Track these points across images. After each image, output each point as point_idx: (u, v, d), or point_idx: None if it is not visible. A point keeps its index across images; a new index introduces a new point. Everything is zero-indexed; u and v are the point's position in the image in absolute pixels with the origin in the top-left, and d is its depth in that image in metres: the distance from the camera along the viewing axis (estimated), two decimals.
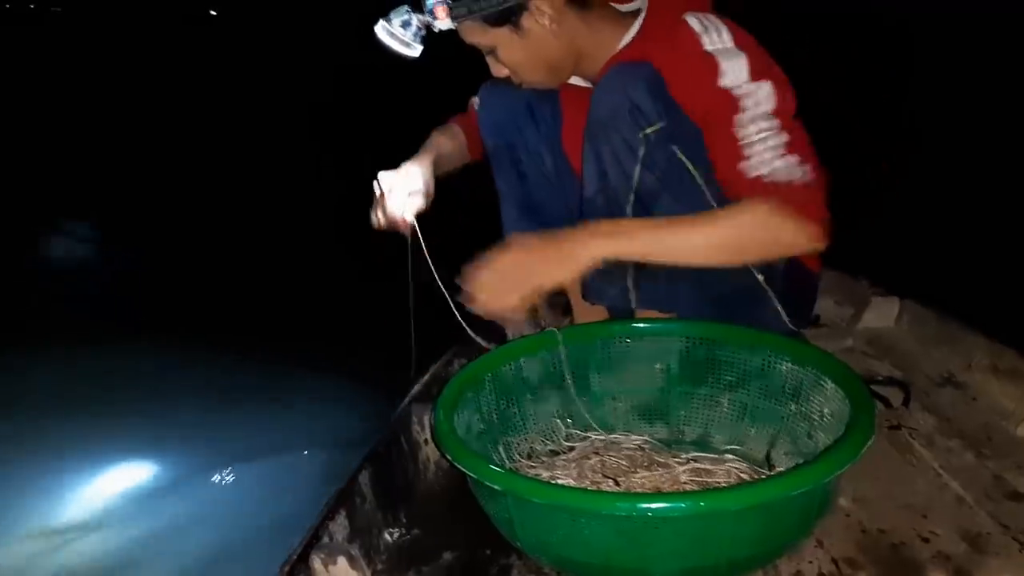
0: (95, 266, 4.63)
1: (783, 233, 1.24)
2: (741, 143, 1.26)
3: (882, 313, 1.87)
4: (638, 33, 1.39)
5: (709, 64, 1.27)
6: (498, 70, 1.44)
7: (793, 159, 1.24)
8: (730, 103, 1.26)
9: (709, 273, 1.32)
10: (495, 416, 1.35)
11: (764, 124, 1.25)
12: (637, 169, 1.35)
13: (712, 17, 1.31)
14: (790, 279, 1.43)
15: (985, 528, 1.16)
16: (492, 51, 1.39)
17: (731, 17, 1.35)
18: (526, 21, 1.33)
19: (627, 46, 1.40)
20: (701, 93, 1.28)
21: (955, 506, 1.22)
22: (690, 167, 1.32)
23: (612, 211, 1.38)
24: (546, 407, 1.42)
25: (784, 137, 1.25)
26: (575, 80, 1.49)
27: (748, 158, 1.25)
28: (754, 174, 1.24)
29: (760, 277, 1.39)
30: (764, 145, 1.25)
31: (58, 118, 8.42)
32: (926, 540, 1.14)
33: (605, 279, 1.45)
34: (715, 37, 1.28)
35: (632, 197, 1.36)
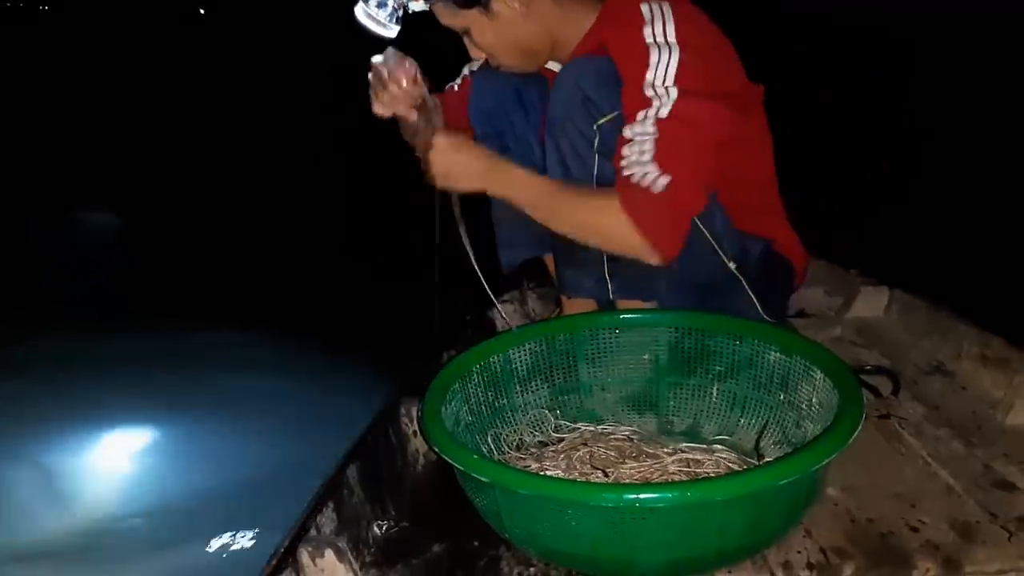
0: (101, 261, 4.60)
1: (622, 238, 1.28)
2: (629, 137, 1.27)
3: (871, 302, 1.87)
4: (598, 17, 1.40)
5: (640, 55, 1.28)
6: (475, 52, 1.46)
7: (654, 170, 1.25)
8: (641, 101, 1.27)
9: (682, 262, 1.33)
10: (484, 407, 1.34)
11: (650, 129, 1.26)
12: (596, 159, 1.37)
13: (666, 7, 1.30)
14: (765, 270, 1.45)
15: (974, 517, 1.16)
16: (467, 32, 1.41)
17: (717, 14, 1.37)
18: (495, 3, 1.35)
19: (588, 31, 1.41)
20: (628, 81, 1.30)
21: (944, 495, 1.22)
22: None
23: None
24: (535, 398, 1.41)
25: (655, 145, 1.25)
26: (554, 66, 1.48)
27: (628, 155, 1.27)
28: (625, 171, 1.27)
29: (732, 266, 1.42)
30: (642, 147, 1.26)
31: (52, 117, 8.37)
32: (915, 529, 1.14)
33: (581, 271, 1.46)
34: (657, 30, 1.29)
35: (595, 185, 1.37)
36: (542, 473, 1.22)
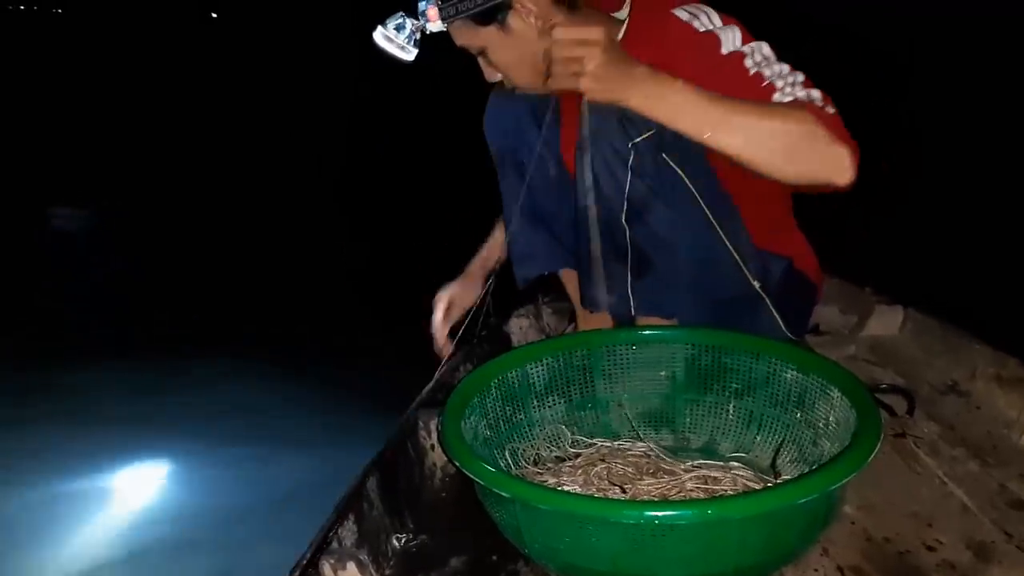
0: (107, 283, 4.60)
1: (822, 147, 1.18)
2: (766, 81, 1.26)
3: (886, 321, 1.87)
4: (624, 36, 1.41)
5: (708, 40, 1.30)
6: (490, 73, 1.47)
7: (817, 93, 1.24)
8: (740, 58, 1.28)
9: (706, 279, 1.36)
10: (501, 422, 1.35)
11: (777, 67, 1.26)
12: (628, 178, 1.36)
13: (699, 4, 1.34)
14: (787, 287, 1.46)
15: (990, 537, 1.16)
16: (482, 52, 1.42)
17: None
18: (512, 20, 1.36)
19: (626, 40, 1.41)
20: (707, 66, 1.28)
21: (960, 514, 1.23)
22: (680, 173, 1.35)
23: (607, 219, 1.40)
24: (552, 413, 1.42)
25: (801, 75, 1.26)
26: None
27: (780, 89, 1.25)
28: (789, 100, 1.23)
29: (757, 284, 1.42)
30: (786, 81, 1.25)
31: (60, 120, 8.41)
32: (931, 548, 1.14)
33: (601, 287, 1.47)
34: (705, 20, 1.32)
35: (625, 205, 1.38)
36: (560, 488, 1.23)
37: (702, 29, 1.31)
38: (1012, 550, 1.13)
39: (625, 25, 1.41)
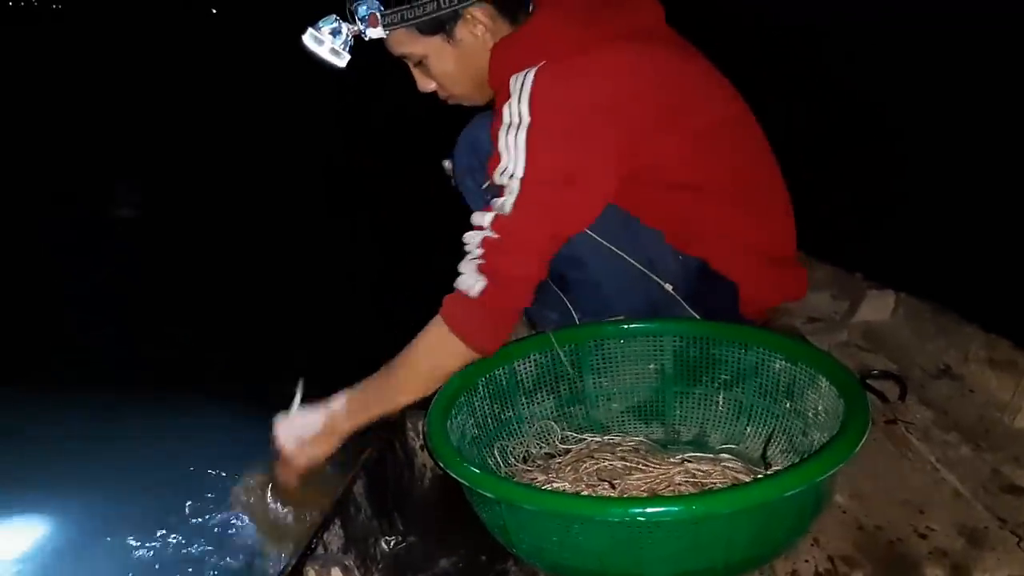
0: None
1: (450, 352, 1.32)
2: (478, 224, 1.31)
3: (877, 306, 1.86)
4: (490, 71, 1.40)
5: (496, 134, 1.30)
6: (425, 83, 1.43)
7: (474, 273, 1.29)
8: (498, 187, 1.31)
9: (621, 285, 1.42)
10: (490, 420, 1.35)
11: (487, 225, 1.29)
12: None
13: (531, 75, 1.27)
14: (703, 287, 1.47)
15: (983, 522, 1.15)
16: (421, 62, 1.39)
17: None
18: (459, 30, 1.34)
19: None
20: (492, 160, 1.32)
21: (952, 500, 1.22)
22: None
23: None
24: (541, 410, 1.42)
25: (484, 247, 1.28)
26: None
27: (468, 242, 1.31)
28: (460, 269, 1.31)
29: (669, 287, 1.46)
30: (477, 243, 1.29)
31: (56, 116, 8.31)
32: (923, 536, 1.13)
33: (544, 306, 1.50)
34: (515, 107, 1.28)
35: None
36: (549, 485, 1.22)
37: (505, 117, 1.29)
38: (1006, 535, 1.13)
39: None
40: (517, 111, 1.27)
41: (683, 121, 1.36)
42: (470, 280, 1.29)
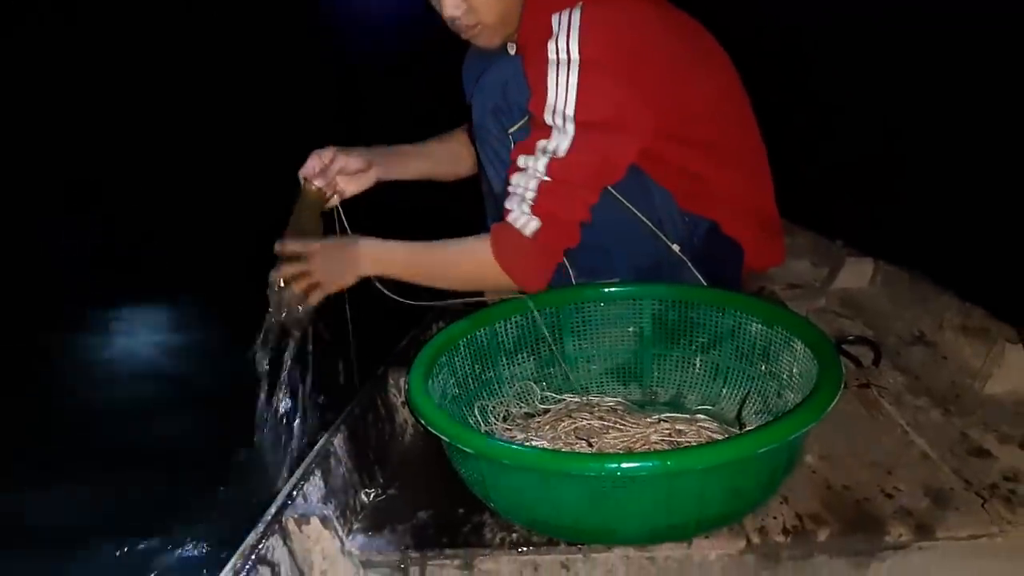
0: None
1: (491, 280, 1.39)
2: (522, 166, 1.32)
3: (856, 273, 1.89)
4: (522, 14, 1.40)
5: (542, 73, 1.30)
6: (454, 5, 1.35)
7: (527, 212, 1.31)
8: (542, 128, 1.31)
9: (627, 245, 1.44)
10: (471, 380, 1.36)
11: (540, 168, 1.30)
12: None
13: (576, 14, 1.28)
14: (711, 250, 1.49)
15: (948, 484, 1.19)
16: None
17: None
18: None
19: (516, 30, 1.42)
20: (534, 99, 1.33)
21: (920, 462, 1.25)
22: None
23: None
24: (521, 370, 1.43)
25: (538, 189, 1.30)
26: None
27: (515, 184, 1.33)
28: (507, 203, 1.35)
29: (676, 248, 1.48)
30: (527, 184, 1.31)
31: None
32: (889, 496, 1.16)
33: None
34: (562, 44, 1.28)
35: None
36: (528, 443, 1.24)
37: (551, 54, 1.28)
38: (971, 497, 1.15)
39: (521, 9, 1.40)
40: (565, 48, 1.27)
41: (702, 77, 1.40)
42: (523, 219, 1.32)
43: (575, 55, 1.27)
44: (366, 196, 1.58)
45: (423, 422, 1.09)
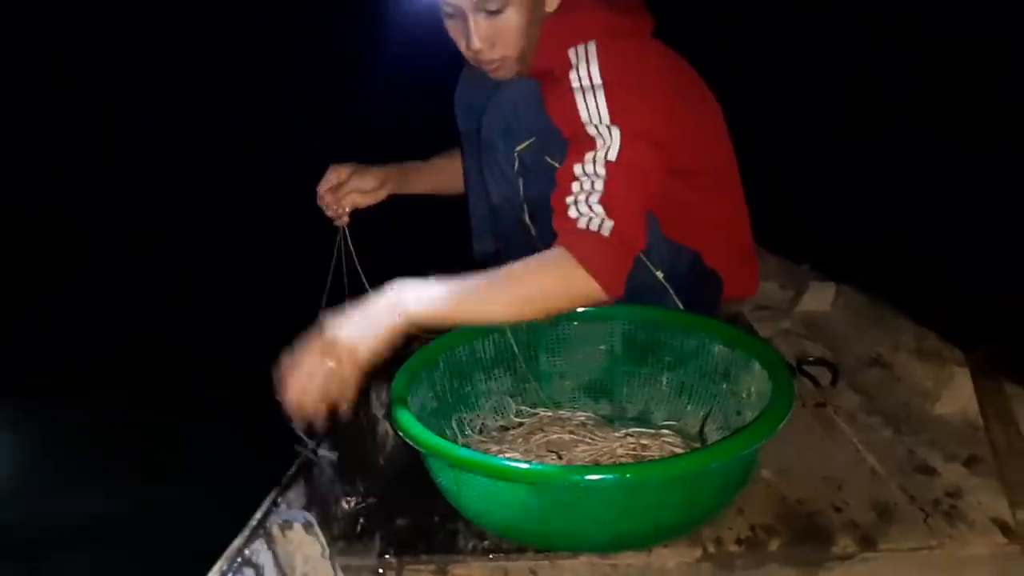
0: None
1: (576, 289, 1.28)
2: (577, 175, 1.32)
3: (819, 297, 1.97)
4: (536, 49, 1.45)
5: (569, 98, 1.35)
6: (480, 38, 1.36)
7: (600, 213, 1.29)
8: (586, 141, 1.33)
9: None
10: (449, 394, 1.43)
11: (600, 171, 1.31)
12: (520, 182, 1.47)
13: (592, 48, 1.36)
14: (693, 279, 1.55)
15: (893, 499, 1.26)
16: (501, 9, 1.34)
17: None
18: None
19: (534, 57, 1.46)
20: (565, 121, 1.37)
21: (869, 479, 1.32)
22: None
23: (516, 218, 1.51)
24: (498, 385, 1.50)
25: (604, 188, 1.30)
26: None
27: (576, 192, 1.32)
28: (571, 212, 1.31)
29: (660, 274, 1.53)
30: (591, 188, 1.31)
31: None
32: (839, 509, 1.24)
33: None
34: (583, 73, 1.35)
35: (524, 206, 1.47)
36: (502, 455, 1.31)
37: (573, 83, 1.35)
38: (914, 511, 1.23)
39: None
40: (587, 75, 1.34)
41: (691, 107, 1.48)
42: (596, 221, 1.29)
43: (597, 80, 1.33)
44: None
45: (402, 434, 1.16)
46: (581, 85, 1.35)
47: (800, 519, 1.22)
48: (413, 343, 1.76)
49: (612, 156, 1.31)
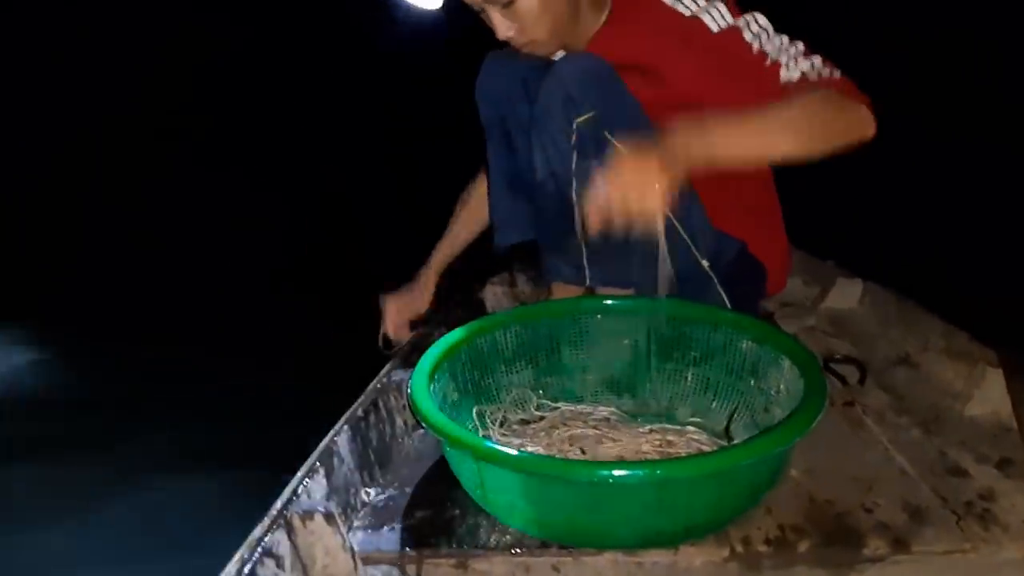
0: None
1: (848, 112, 1.23)
2: (769, 59, 1.30)
3: (845, 294, 1.94)
4: (610, 13, 1.44)
5: (695, 24, 1.33)
6: (505, 28, 1.41)
7: (819, 60, 1.28)
8: (736, 35, 1.31)
9: (657, 254, 1.40)
10: (470, 386, 1.41)
11: (777, 40, 1.30)
12: (573, 156, 1.42)
13: None
14: (738, 269, 1.52)
15: (925, 501, 1.23)
16: (509, 3, 1.37)
17: None
18: None
19: (604, 24, 1.44)
20: (701, 51, 1.34)
21: (899, 479, 1.29)
22: (624, 151, 1.27)
23: (560, 195, 1.47)
24: (519, 378, 1.48)
25: (800, 44, 1.30)
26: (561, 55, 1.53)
27: (784, 65, 1.29)
28: (797, 77, 1.27)
29: (705, 264, 1.49)
30: (789, 55, 1.29)
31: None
32: (869, 511, 1.21)
33: (561, 258, 1.53)
34: (688, 2, 1.34)
35: (573, 182, 1.42)
36: (523, 450, 1.29)
37: (687, 13, 1.34)
38: (946, 514, 1.20)
39: (607, 13, 1.44)
40: (720, 15, 1.33)
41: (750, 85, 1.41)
42: (824, 67, 1.28)
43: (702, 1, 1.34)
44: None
45: (425, 425, 1.14)
46: (694, 10, 1.34)
47: (830, 520, 1.19)
48: (436, 332, 1.76)
49: (771, 28, 1.32)
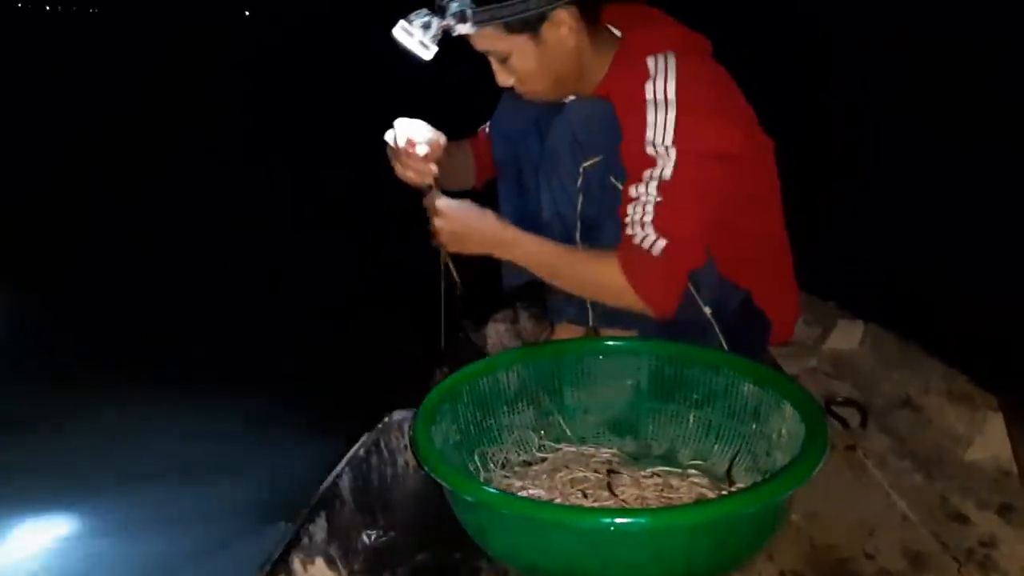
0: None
1: (621, 297, 1.42)
2: (634, 196, 1.37)
3: (847, 335, 1.94)
4: (612, 61, 1.46)
5: (640, 111, 1.36)
6: (505, 78, 1.46)
7: (652, 233, 1.36)
8: (643, 159, 1.36)
9: None
10: (472, 427, 1.41)
11: (653, 191, 1.35)
12: (580, 199, 1.45)
13: (672, 61, 1.37)
14: (741, 319, 1.52)
15: (926, 547, 1.23)
16: (505, 59, 1.41)
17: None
18: (545, 31, 1.37)
19: (605, 75, 1.47)
20: (630, 137, 1.38)
21: (900, 525, 1.29)
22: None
23: (566, 236, 1.50)
24: (521, 419, 1.48)
25: (655, 209, 1.36)
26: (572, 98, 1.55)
27: (631, 214, 1.38)
28: (628, 230, 1.39)
29: (708, 311, 1.50)
30: (644, 208, 1.36)
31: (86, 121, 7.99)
32: (870, 556, 1.21)
33: (564, 298, 1.54)
34: (659, 85, 1.36)
35: (579, 223, 1.45)
36: (525, 491, 1.29)
37: (647, 95, 1.35)
38: (947, 561, 1.20)
39: (615, 51, 1.47)
40: (663, 90, 1.35)
41: (755, 132, 1.49)
42: (649, 239, 1.37)
43: (672, 95, 1.35)
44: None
45: (426, 469, 1.14)
46: (655, 99, 1.35)
47: (831, 565, 1.19)
48: (437, 372, 1.77)
49: (666, 175, 1.34)
